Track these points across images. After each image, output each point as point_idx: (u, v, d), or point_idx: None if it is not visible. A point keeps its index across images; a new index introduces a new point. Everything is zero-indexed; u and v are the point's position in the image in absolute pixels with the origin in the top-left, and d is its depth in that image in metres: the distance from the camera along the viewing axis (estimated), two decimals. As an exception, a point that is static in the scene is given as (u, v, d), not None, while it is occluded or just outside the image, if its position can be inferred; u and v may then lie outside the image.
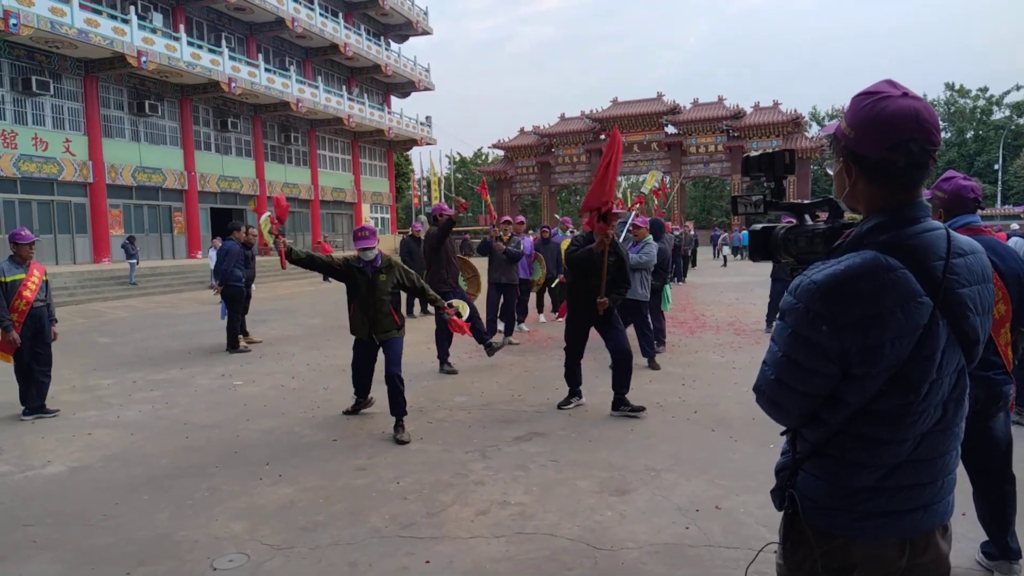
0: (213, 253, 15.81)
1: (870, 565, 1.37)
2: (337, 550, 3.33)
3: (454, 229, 7.55)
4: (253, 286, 10.31)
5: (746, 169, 1.62)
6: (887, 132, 1.28)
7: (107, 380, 7.54)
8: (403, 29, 39.78)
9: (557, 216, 18.63)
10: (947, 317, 1.30)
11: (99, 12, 20.52)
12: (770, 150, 1.58)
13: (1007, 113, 51.61)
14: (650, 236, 7.63)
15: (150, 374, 7.85)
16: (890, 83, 1.34)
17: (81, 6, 19.70)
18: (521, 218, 10.96)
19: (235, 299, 9.30)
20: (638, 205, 8.75)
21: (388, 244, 37.20)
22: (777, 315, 1.42)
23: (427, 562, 3.19)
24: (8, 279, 5.80)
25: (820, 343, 1.30)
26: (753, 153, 1.60)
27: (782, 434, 1.53)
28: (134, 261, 18.96)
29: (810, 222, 1.53)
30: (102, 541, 3.51)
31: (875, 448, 1.34)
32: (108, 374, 7.88)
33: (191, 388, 7.07)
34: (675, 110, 41.16)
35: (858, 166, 1.34)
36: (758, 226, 1.60)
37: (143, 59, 21.36)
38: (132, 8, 22.53)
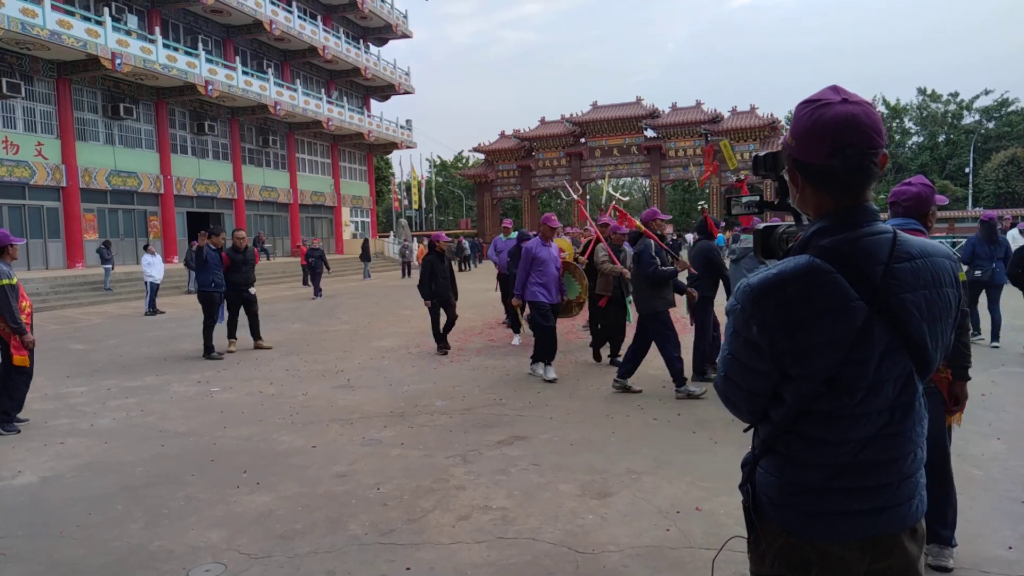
0: (149, 257, 15.47)
1: (828, 564, 1.37)
2: (316, 558, 3.29)
3: (448, 233, 7.46)
4: (252, 290, 9.98)
5: (755, 168, 1.68)
6: (825, 139, 1.30)
7: (80, 387, 7.39)
8: (382, 32, 39.63)
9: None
10: (888, 322, 1.30)
11: (72, 13, 20.19)
12: (749, 153, 1.62)
13: (976, 118, 52.71)
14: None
15: (125, 381, 7.71)
16: (833, 89, 1.37)
17: (53, 7, 19.36)
18: (509, 221, 10.99)
19: (208, 304, 9.23)
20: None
21: (372, 247, 37.00)
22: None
23: (407, 569, 3.16)
24: (13, 281, 5.69)
25: (754, 342, 1.35)
26: (760, 153, 1.65)
27: (745, 431, 1.55)
28: (109, 266, 18.65)
29: (806, 221, 1.57)
30: (75, 553, 3.43)
31: (817, 448, 1.35)
32: (81, 381, 7.73)
33: (167, 395, 6.95)
34: (654, 114, 41.46)
35: (802, 173, 1.38)
36: (761, 225, 1.66)
37: (117, 61, 21.04)
38: (106, 10, 22.18)
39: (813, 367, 1.31)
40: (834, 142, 1.30)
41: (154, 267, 15.33)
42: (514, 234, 10.86)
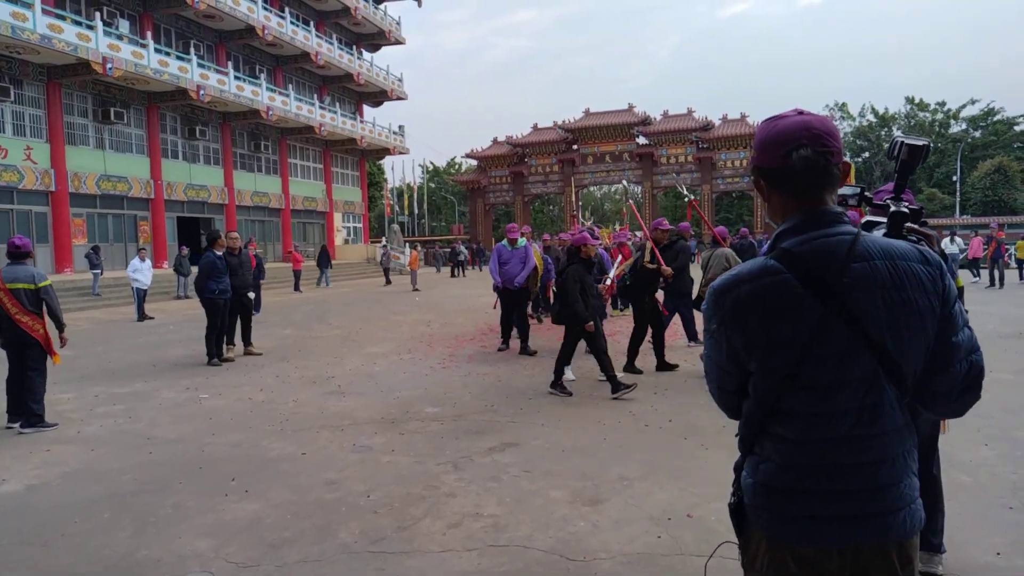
0: (137, 263, 15.10)
1: (808, 571, 1.35)
2: (305, 567, 3.26)
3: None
4: (250, 294, 9.80)
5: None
6: (781, 142, 1.40)
7: (67, 394, 7.32)
8: (375, 38, 39.68)
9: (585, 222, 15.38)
10: (846, 322, 1.31)
11: (63, 18, 20.10)
12: (740, 161, 1.67)
13: (963, 127, 53.21)
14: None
15: (113, 387, 7.64)
16: (793, 109, 1.47)
17: (44, 11, 19.27)
18: (515, 225, 10.91)
19: (212, 311, 9.11)
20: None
21: (360, 253, 36.97)
22: None
23: (398, 577, 3.14)
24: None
25: (717, 340, 1.45)
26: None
27: (736, 435, 1.56)
28: (98, 271, 18.52)
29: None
30: (60, 562, 3.39)
31: (783, 447, 1.38)
32: (68, 388, 7.66)
33: (155, 402, 6.90)
34: (646, 121, 41.64)
35: (766, 180, 1.46)
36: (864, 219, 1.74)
37: (108, 66, 20.96)
38: (97, 14, 22.11)
39: (769, 365, 1.36)
40: (789, 144, 1.38)
41: (142, 272, 15.08)
42: (523, 242, 9.58)
